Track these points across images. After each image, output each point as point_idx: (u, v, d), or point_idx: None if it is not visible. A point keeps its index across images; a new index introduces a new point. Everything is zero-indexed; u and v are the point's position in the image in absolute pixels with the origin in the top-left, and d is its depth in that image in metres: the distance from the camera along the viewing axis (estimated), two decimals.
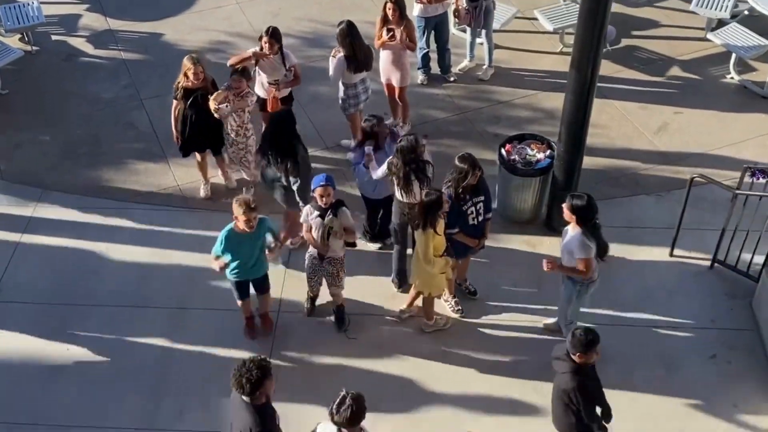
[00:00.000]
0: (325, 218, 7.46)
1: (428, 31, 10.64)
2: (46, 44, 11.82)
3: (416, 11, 10.38)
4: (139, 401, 7.62)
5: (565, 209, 7.12)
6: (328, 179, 7.45)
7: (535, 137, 9.11)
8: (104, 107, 10.83)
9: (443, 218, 7.42)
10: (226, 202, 9.28)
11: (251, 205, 6.98)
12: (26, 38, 11.69)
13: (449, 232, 7.63)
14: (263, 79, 9.24)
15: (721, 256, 8.55)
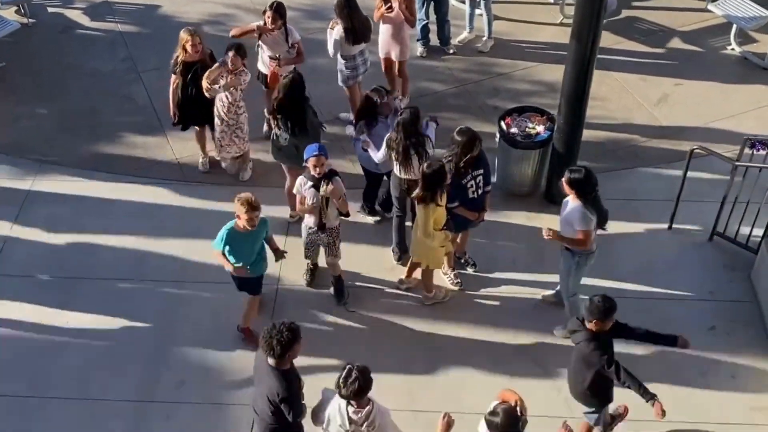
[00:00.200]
0: (319, 188, 7.45)
1: (428, 2, 10.57)
2: (42, 16, 11.74)
3: None
4: (138, 373, 7.65)
5: (564, 183, 7.10)
6: (320, 149, 7.44)
7: (535, 110, 9.08)
8: (102, 80, 10.77)
9: (444, 191, 7.41)
10: (223, 175, 9.31)
11: (253, 204, 6.93)
12: (22, 10, 11.60)
13: (449, 206, 7.62)
14: (265, 54, 9.17)
15: (720, 228, 8.55)
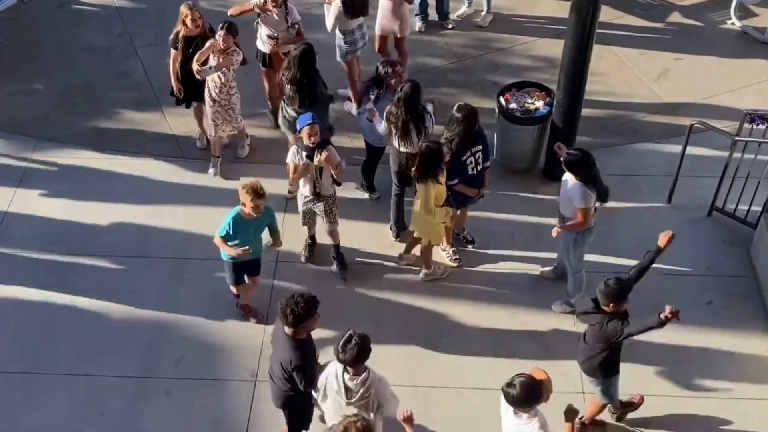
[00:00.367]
0: (314, 158, 7.45)
1: None
2: None
3: None
4: (138, 350, 7.66)
5: (563, 164, 7.11)
6: (313, 117, 7.44)
7: (534, 85, 9.05)
8: (98, 56, 10.71)
9: (443, 169, 7.39)
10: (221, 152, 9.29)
11: (260, 192, 6.91)
12: None
13: (449, 183, 7.60)
14: (264, 32, 9.10)
15: (719, 203, 8.54)
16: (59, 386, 7.38)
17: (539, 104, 8.78)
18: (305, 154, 7.49)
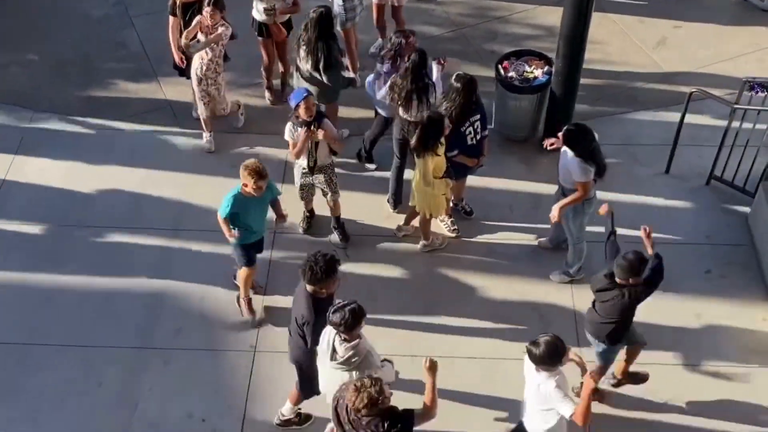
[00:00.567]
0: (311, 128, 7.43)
1: None
2: None
3: None
4: (136, 320, 7.67)
5: (561, 138, 7.06)
6: (307, 91, 7.42)
7: (533, 53, 8.99)
8: (93, 26, 10.63)
9: (443, 141, 7.35)
10: (217, 121, 9.22)
11: (262, 173, 6.76)
12: None
13: (449, 155, 7.57)
14: (260, 4, 9.00)
15: (717, 172, 8.52)
16: (57, 357, 7.40)
17: (538, 73, 8.73)
18: (301, 129, 7.45)
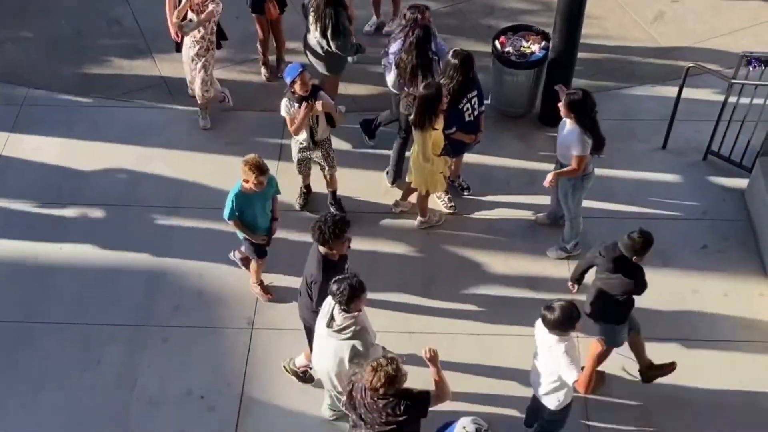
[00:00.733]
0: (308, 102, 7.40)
1: None
2: None
3: None
4: (134, 298, 7.68)
5: (562, 107, 7.01)
6: (302, 65, 7.37)
7: (530, 28, 8.94)
8: (87, 2, 10.54)
9: (441, 115, 7.32)
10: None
11: (263, 168, 6.72)
12: None
13: (447, 132, 7.53)
14: None
15: (715, 147, 8.51)
16: (56, 335, 7.41)
17: (535, 48, 8.68)
18: (297, 105, 7.42)
